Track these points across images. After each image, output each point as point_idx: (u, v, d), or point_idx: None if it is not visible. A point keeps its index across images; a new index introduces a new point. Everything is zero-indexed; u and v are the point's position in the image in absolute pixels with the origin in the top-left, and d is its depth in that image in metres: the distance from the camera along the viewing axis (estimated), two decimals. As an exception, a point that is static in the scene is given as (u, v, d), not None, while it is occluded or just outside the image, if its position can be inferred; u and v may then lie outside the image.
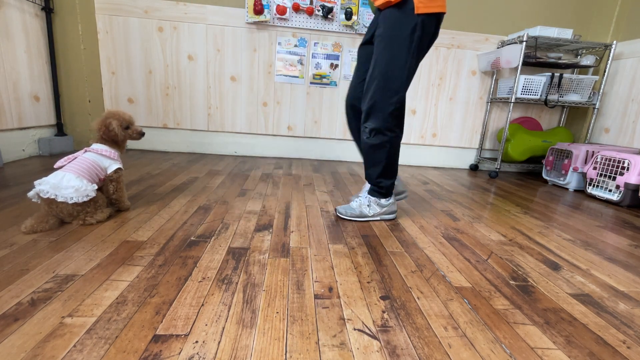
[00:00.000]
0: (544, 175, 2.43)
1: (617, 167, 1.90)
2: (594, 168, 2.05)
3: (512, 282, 0.93)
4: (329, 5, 2.35)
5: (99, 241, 1.00)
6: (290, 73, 2.50)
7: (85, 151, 1.16)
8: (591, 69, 2.64)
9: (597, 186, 2.04)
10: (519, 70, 2.28)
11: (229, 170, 2.06)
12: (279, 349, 0.61)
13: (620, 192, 1.87)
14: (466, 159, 2.84)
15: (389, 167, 1.30)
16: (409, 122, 2.70)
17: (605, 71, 2.42)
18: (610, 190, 1.94)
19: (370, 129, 1.25)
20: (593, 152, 2.14)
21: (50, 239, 0.99)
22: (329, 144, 2.69)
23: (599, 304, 0.85)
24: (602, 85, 2.43)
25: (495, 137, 2.80)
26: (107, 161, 1.18)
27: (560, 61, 2.46)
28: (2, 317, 0.64)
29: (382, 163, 1.29)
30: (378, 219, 1.36)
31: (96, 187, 1.12)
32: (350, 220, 1.33)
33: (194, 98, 2.49)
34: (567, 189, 2.25)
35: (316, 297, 0.79)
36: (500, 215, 1.54)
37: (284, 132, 2.62)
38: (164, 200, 1.41)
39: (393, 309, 0.76)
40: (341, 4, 2.37)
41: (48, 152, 2.19)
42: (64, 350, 0.57)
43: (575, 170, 2.16)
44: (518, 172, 2.79)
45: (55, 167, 1.10)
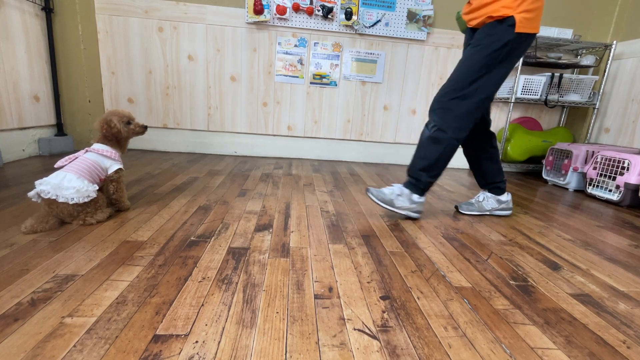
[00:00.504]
0: (544, 175, 2.43)
1: (617, 167, 1.90)
2: (594, 168, 2.05)
3: (512, 282, 0.93)
4: (329, 5, 2.35)
5: (99, 241, 1.00)
6: (290, 73, 2.50)
7: (86, 151, 1.16)
8: (591, 69, 2.64)
9: (597, 186, 2.04)
10: (519, 70, 2.28)
11: (229, 170, 2.06)
12: (279, 349, 0.61)
13: (620, 192, 1.87)
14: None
15: (435, 165, 1.32)
16: (409, 122, 2.70)
17: (605, 71, 2.42)
18: (610, 190, 1.94)
19: (433, 124, 1.30)
20: (593, 152, 2.14)
21: (50, 239, 0.99)
22: (329, 144, 2.69)
23: (599, 304, 0.85)
24: (602, 85, 2.44)
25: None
26: (108, 161, 1.18)
27: (560, 61, 2.46)
28: (2, 317, 0.64)
29: (431, 158, 1.31)
30: (404, 213, 1.38)
31: (97, 187, 1.12)
32: (379, 205, 1.35)
33: (194, 98, 2.49)
34: (567, 189, 2.25)
35: (316, 297, 0.79)
36: (501, 215, 1.54)
37: (284, 132, 2.62)
38: (164, 200, 1.41)
39: (393, 309, 0.76)
40: (341, 4, 2.37)
41: (48, 152, 2.19)
42: (64, 350, 0.57)
43: (575, 170, 2.16)
44: (518, 172, 2.79)
45: (56, 167, 1.10)
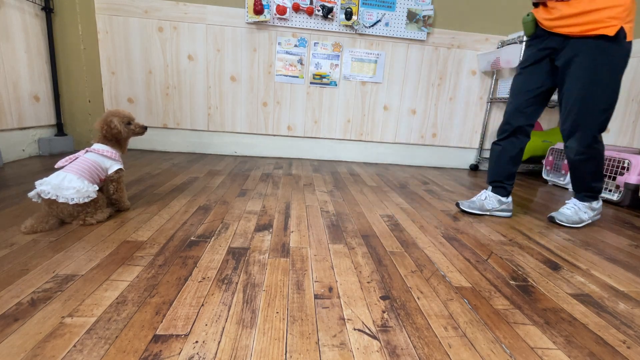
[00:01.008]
0: (544, 175, 2.43)
1: (617, 167, 1.90)
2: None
3: (512, 282, 0.93)
4: (329, 5, 2.35)
5: (99, 241, 1.00)
6: (290, 73, 2.50)
7: (87, 151, 1.16)
8: (591, 69, 2.63)
9: (597, 186, 2.03)
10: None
11: (229, 170, 2.06)
12: (279, 349, 0.61)
13: (620, 192, 1.87)
14: (466, 159, 2.84)
15: (599, 173, 1.42)
16: (409, 122, 2.70)
17: (605, 71, 2.41)
18: (610, 190, 1.94)
19: (577, 149, 1.35)
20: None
21: (50, 239, 0.99)
22: (329, 144, 2.69)
23: (599, 304, 0.85)
24: (602, 85, 2.43)
25: (496, 137, 2.80)
26: (109, 162, 1.18)
27: (560, 61, 2.46)
28: (2, 317, 0.64)
29: (592, 172, 1.40)
30: (589, 221, 1.48)
31: (97, 188, 1.12)
32: (566, 226, 1.45)
33: (194, 98, 2.49)
34: (567, 189, 2.25)
35: (316, 297, 0.79)
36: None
37: (284, 132, 2.62)
38: (164, 200, 1.41)
39: (393, 309, 0.76)
40: (341, 4, 2.37)
41: (48, 152, 2.19)
42: (64, 350, 0.57)
43: (575, 170, 2.16)
44: (518, 172, 2.79)
45: (56, 167, 1.10)
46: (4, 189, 1.43)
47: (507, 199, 1.52)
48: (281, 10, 2.32)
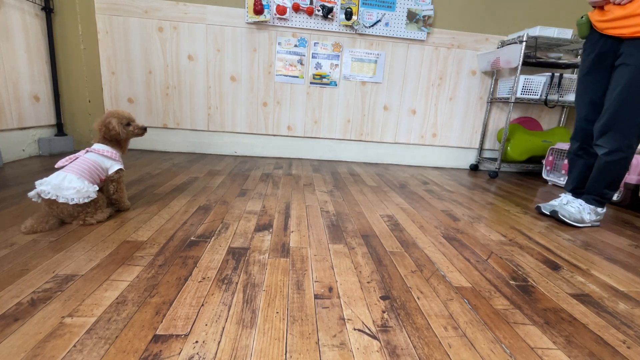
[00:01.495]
0: (544, 175, 2.43)
1: (617, 167, 1.90)
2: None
3: (512, 282, 0.93)
4: (329, 5, 2.35)
5: (99, 241, 1.00)
6: (290, 73, 2.50)
7: (87, 151, 1.16)
8: (591, 69, 2.63)
9: (597, 186, 2.03)
10: (519, 70, 2.28)
11: (229, 170, 2.06)
12: (279, 349, 0.61)
13: (620, 192, 1.87)
14: (466, 159, 2.84)
15: (616, 182, 1.42)
16: (409, 122, 2.70)
17: (605, 71, 2.41)
18: (610, 190, 1.94)
19: (608, 149, 1.35)
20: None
21: (50, 239, 0.99)
22: (329, 144, 2.69)
23: (599, 304, 0.85)
24: (602, 85, 2.43)
25: (495, 137, 2.80)
26: (109, 162, 1.18)
27: (560, 61, 2.46)
28: (2, 317, 0.64)
29: (612, 176, 1.41)
30: (590, 225, 1.48)
31: (97, 188, 1.12)
32: (569, 224, 1.46)
33: (194, 98, 2.49)
34: (567, 189, 2.24)
35: (316, 297, 0.79)
36: (500, 215, 1.54)
37: (284, 132, 2.62)
38: (164, 200, 1.41)
39: (393, 309, 0.76)
40: (341, 4, 2.37)
41: (48, 152, 2.19)
42: (64, 350, 0.57)
43: (575, 170, 2.16)
44: (518, 172, 2.79)
45: (56, 167, 1.10)
46: (4, 189, 1.43)
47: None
48: (281, 10, 2.32)
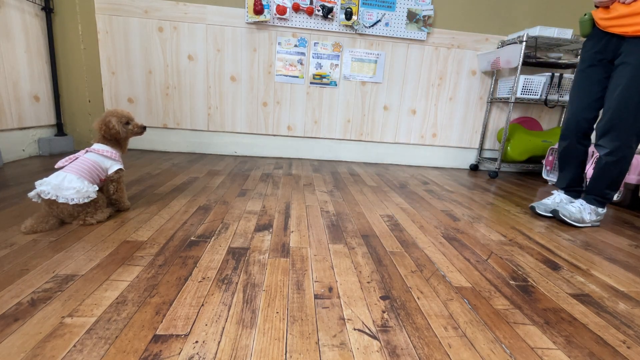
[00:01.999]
0: (544, 175, 2.43)
1: (617, 167, 1.90)
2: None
3: (512, 282, 0.93)
4: (329, 5, 2.35)
5: (99, 241, 1.00)
6: (290, 73, 2.50)
7: (87, 151, 1.16)
8: (591, 69, 2.63)
9: (597, 186, 2.03)
10: (519, 70, 2.28)
11: (229, 170, 2.06)
12: (279, 349, 0.61)
13: (620, 192, 1.87)
14: (466, 159, 2.84)
15: (617, 182, 1.42)
16: (409, 122, 2.70)
17: (605, 71, 2.41)
18: (610, 190, 1.94)
19: (609, 150, 1.35)
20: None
21: (50, 239, 0.99)
22: (329, 144, 2.69)
23: (599, 304, 0.85)
24: (602, 85, 2.43)
25: (495, 137, 2.80)
26: (109, 162, 1.18)
27: (560, 61, 2.46)
28: (2, 317, 0.64)
29: (613, 176, 1.40)
30: (590, 225, 1.48)
31: (97, 188, 1.12)
32: (570, 224, 1.46)
33: (194, 98, 2.49)
34: (567, 189, 2.24)
35: (316, 297, 0.79)
36: (500, 215, 1.54)
37: (284, 132, 2.62)
38: (164, 200, 1.41)
39: (393, 309, 0.76)
40: (341, 4, 2.37)
41: (48, 152, 2.19)
42: (64, 350, 0.57)
43: (575, 170, 2.16)
44: (518, 172, 2.79)
45: (56, 167, 1.10)
46: (4, 189, 1.43)
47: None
48: (281, 10, 2.32)
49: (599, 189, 1.45)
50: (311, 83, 2.53)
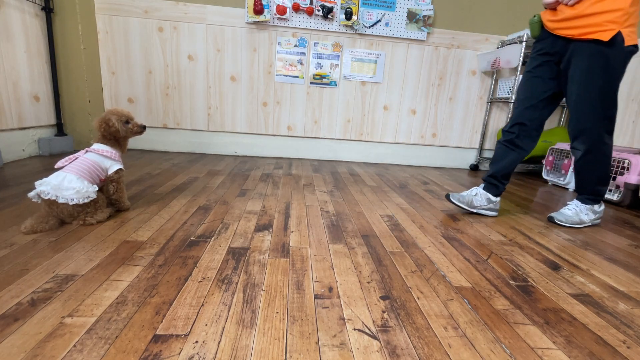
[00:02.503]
0: (544, 175, 2.43)
1: (617, 167, 1.90)
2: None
3: (512, 282, 0.93)
4: (329, 5, 2.35)
5: (99, 241, 1.00)
6: (290, 73, 2.50)
7: (87, 151, 1.16)
8: (591, 69, 2.63)
9: (597, 186, 2.03)
10: (518, 70, 2.28)
11: (229, 170, 2.06)
12: (279, 349, 0.61)
13: (620, 192, 1.87)
14: (466, 159, 2.84)
15: (604, 177, 1.42)
16: (409, 122, 2.70)
17: (605, 71, 2.41)
18: (610, 190, 1.94)
19: (584, 150, 1.36)
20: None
21: (50, 239, 0.99)
22: (329, 144, 2.69)
23: (599, 304, 0.85)
24: (602, 85, 2.43)
25: (496, 137, 2.80)
26: (108, 162, 1.18)
27: (560, 61, 2.46)
28: (2, 317, 0.64)
29: (598, 172, 1.40)
30: (590, 224, 1.48)
31: (97, 188, 1.12)
32: (566, 227, 1.45)
33: (194, 98, 2.49)
34: (567, 189, 2.25)
35: (316, 297, 0.79)
36: (500, 215, 1.54)
37: (284, 132, 2.62)
38: (164, 200, 1.41)
39: (393, 309, 0.76)
40: (341, 4, 2.37)
41: (48, 152, 2.19)
42: (64, 350, 0.57)
43: (575, 170, 2.16)
44: (518, 172, 2.79)
45: (56, 167, 1.10)
46: (4, 189, 1.43)
47: (496, 198, 1.52)
48: (281, 10, 2.32)
49: (589, 187, 1.45)
50: (311, 83, 2.53)
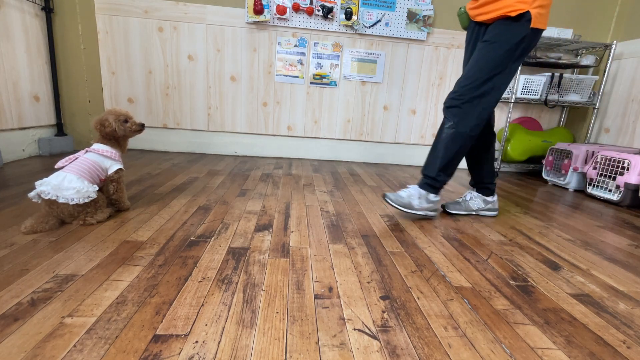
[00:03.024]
0: (544, 175, 2.43)
1: (617, 167, 1.90)
2: (594, 168, 2.05)
3: (512, 282, 0.93)
4: (329, 5, 2.35)
5: (99, 241, 1.00)
6: (290, 73, 2.50)
7: (87, 151, 1.16)
8: (591, 69, 2.64)
9: (597, 186, 2.04)
10: (518, 70, 2.28)
11: (229, 170, 2.06)
12: (279, 349, 0.61)
13: (620, 192, 1.87)
14: (466, 159, 2.84)
15: (452, 164, 1.35)
16: (409, 122, 2.70)
17: (605, 71, 2.41)
18: (610, 190, 1.94)
19: (450, 123, 1.31)
20: (593, 152, 2.14)
21: (50, 239, 0.99)
22: (329, 144, 2.69)
23: (599, 304, 0.85)
24: (602, 85, 2.43)
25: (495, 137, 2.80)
26: (108, 162, 1.18)
27: (560, 61, 2.46)
28: (2, 317, 0.64)
29: (448, 157, 1.33)
30: (422, 214, 1.40)
31: (97, 188, 1.12)
32: (398, 210, 1.41)
33: (194, 98, 2.49)
34: (567, 189, 2.25)
35: (316, 297, 0.79)
36: (500, 215, 1.54)
37: (284, 132, 2.62)
38: (164, 200, 1.41)
39: (393, 309, 0.76)
40: (341, 4, 2.37)
41: (48, 152, 2.19)
42: (64, 350, 0.57)
43: (575, 170, 2.16)
44: (518, 172, 2.79)
45: (56, 167, 1.10)
46: (4, 189, 1.43)
47: (493, 197, 1.52)
48: (281, 10, 2.32)
49: (434, 168, 1.36)
50: (311, 83, 2.53)
